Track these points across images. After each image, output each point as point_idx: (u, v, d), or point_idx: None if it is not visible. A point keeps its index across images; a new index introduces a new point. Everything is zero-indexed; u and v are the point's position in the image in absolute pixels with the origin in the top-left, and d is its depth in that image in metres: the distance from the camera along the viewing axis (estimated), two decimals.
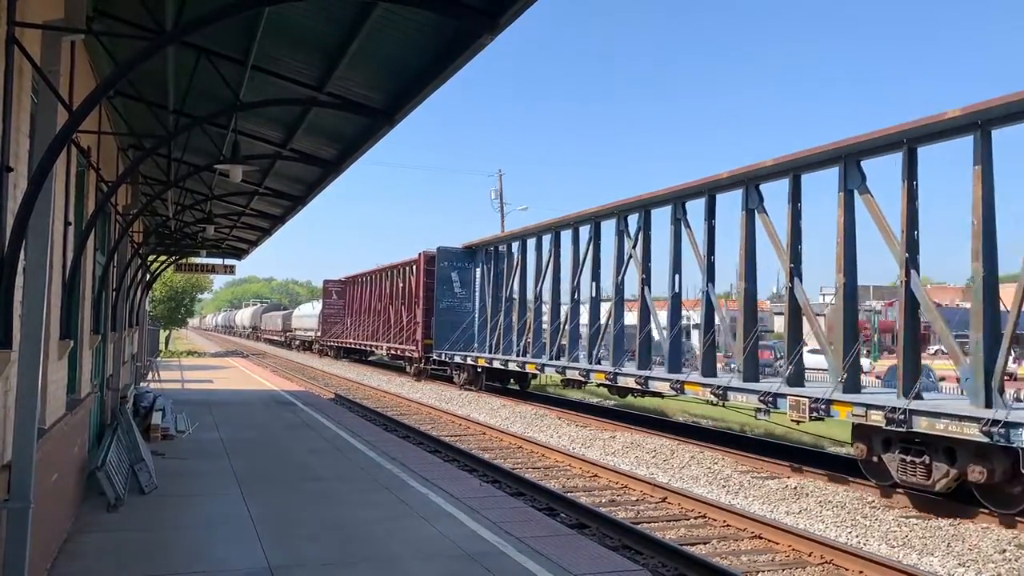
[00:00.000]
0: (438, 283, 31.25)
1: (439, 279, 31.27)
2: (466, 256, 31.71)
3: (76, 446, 8.68)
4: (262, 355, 59.52)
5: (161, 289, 54.63)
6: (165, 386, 23.92)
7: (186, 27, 6.21)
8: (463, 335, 30.24)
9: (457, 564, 7.03)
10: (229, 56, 8.16)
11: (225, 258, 26.35)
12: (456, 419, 21.87)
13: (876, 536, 10.26)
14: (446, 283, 31.31)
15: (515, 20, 5.90)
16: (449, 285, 31.33)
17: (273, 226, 19.48)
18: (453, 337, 30.30)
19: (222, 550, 7.36)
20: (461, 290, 31.55)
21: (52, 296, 6.08)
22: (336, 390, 30.18)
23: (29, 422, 5.02)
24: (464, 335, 30.24)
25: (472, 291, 31.40)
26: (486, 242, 30.14)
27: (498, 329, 27.81)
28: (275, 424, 16.47)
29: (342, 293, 51.66)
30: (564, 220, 23.90)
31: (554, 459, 15.71)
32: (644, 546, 9.35)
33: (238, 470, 11.15)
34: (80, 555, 7.09)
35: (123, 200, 13.16)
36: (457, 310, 31.15)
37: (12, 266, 4.36)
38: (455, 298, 31.41)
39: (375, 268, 43.41)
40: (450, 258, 31.52)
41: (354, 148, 10.78)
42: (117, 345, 13.88)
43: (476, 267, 31.21)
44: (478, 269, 31.01)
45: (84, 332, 9.47)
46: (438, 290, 31.24)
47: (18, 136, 4.99)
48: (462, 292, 31.53)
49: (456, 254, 31.59)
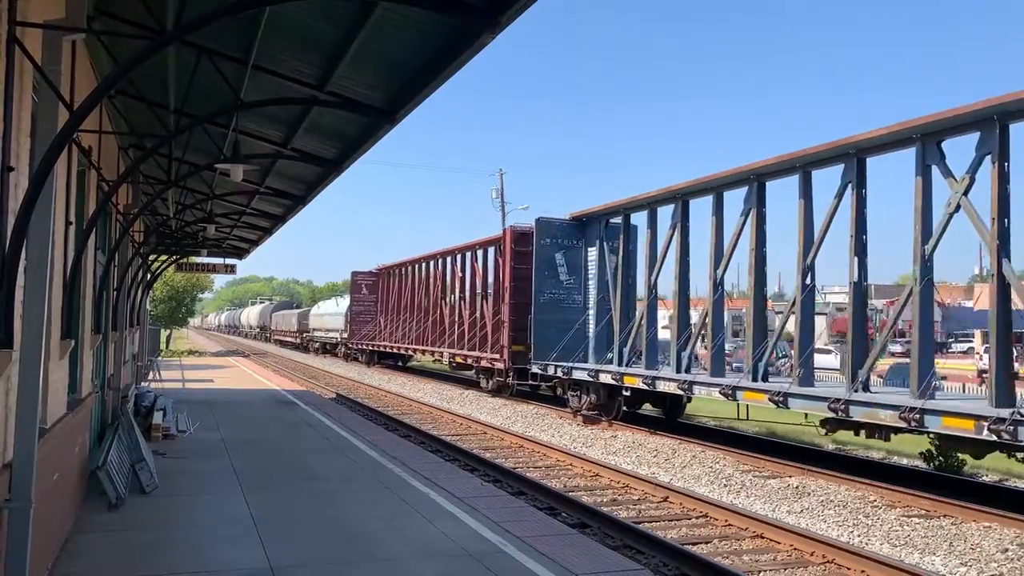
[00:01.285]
0: (537, 268, 22.78)
1: (539, 262, 22.77)
2: (574, 231, 23.05)
3: (77, 446, 8.67)
4: (266, 355, 59.46)
5: (162, 289, 54.62)
6: (166, 386, 23.93)
7: (187, 26, 6.20)
8: (573, 340, 21.92)
9: (458, 563, 7.02)
10: (230, 55, 8.15)
11: (226, 258, 26.35)
12: (457, 418, 21.86)
13: (878, 535, 10.25)
14: (548, 267, 22.84)
15: (516, 19, 5.88)
16: (553, 270, 22.88)
17: (274, 225, 19.47)
18: (561, 342, 21.90)
19: (223, 550, 7.35)
20: (569, 278, 23.04)
21: (53, 296, 6.07)
22: (337, 389, 30.16)
23: (30, 422, 5.02)
24: (573, 340, 21.91)
25: (582, 278, 22.96)
26: (609, 210, 21.42)
27: (631, 332, 19.99)
28: (276, 423, 16.47)
29: (374, 287, 44.37)
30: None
31: (555, 458, 15.71)
32: (645, 545, 9.34)
33: (239, 469, 11.15)
34: (81, 555, 7.08)
35: (124, 199, 13.16)
36: (564, 305, 22.94)
37: (13, 265, 4.36)
38: (560, 288, 22.99)
39: (424, 255, 35.95)
40: (553, 233, 22.95)
41: (355, 147, 10.77)
42: (118, 345, 13.88)
43: (589, 245, 22.68)
44: (592, 249, 22.48)
45: (85, 332, 9.46)
46: (537, 278, 22.73)
47: (19, 136, 4.98)
48: (570, 280, 23.07)
49: (562, 228, 23.02)
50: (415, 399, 26.74)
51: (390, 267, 41.80)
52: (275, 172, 13.60)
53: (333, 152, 11.47)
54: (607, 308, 21.21)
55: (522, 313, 24.00)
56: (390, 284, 41.53)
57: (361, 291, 45.29)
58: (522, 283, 24.23)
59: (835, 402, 12.94)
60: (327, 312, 56.39)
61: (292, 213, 16.88)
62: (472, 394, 27.95)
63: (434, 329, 33.20)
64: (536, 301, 22.87)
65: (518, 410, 23.38)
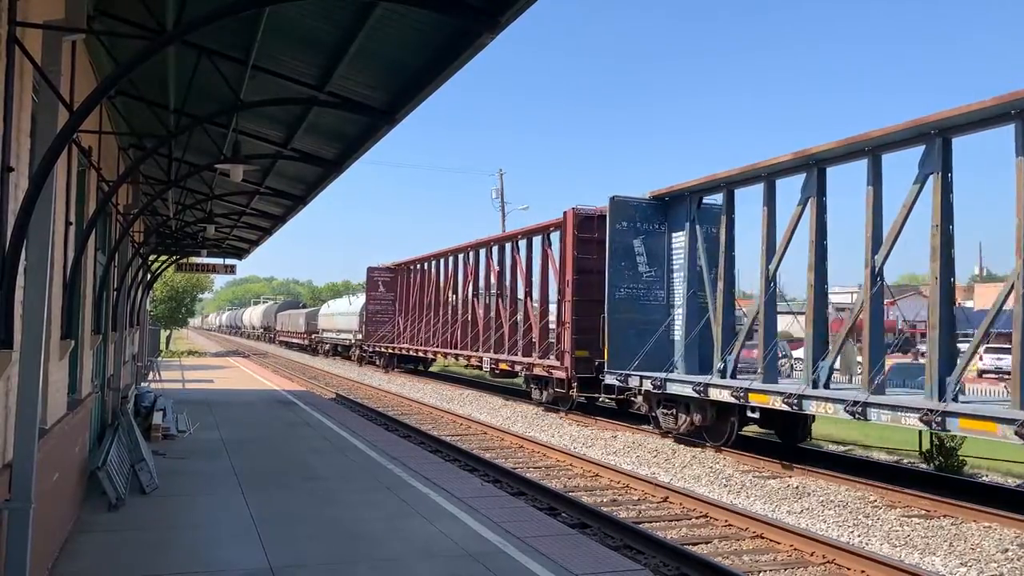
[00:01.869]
0: (612, 258, 18.68)
1: (615, 251, 18.69)
2: (655, 213, 19.00)
3: (77, 446, 8.67)
4: (266, 356, 59.39)
5: (162, 289, 54.66)
6: (166, 386, 23.93)
7: (187, 26, 6.19)
8: (656, 346, 17.94)
9: (458, 563, 7.02)
10: (230, 56, 8.15)
11: (226, 258, 26.35)
12: (457, 419, 21.86)
13: (878, 535, 10.24)
14: (625, 257, 18.79)
15: (516, 19, 5.89)
16: (630, 260, 18.82)
17: (274, 226, 19.47)
18: (643, 348, 17.92)
19: (223, 550, 7.35)
20: (649, 269, 18.96)
21: (53, 296, 6.06)
22: (337, 390, 30.16)
23: (30, 422, 5.02)
24: (655, 345, 17.96)
25: (665, 270, 18.98)
26: (703, 185, 17.27)
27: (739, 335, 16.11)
28: (276, 424, 16.47)
29: (392, 284, 40.73)
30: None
31: (555, 459, 15.71)
32: (645, 546, 9.34)
33: (239, 470, 11.15)
34: (81, 555, 7.09)
35: (124, 200, 13.16)
36: (643, 302, 18.86)
37: (13, 266, 4.36)
38: (639, 282, 18.90)
39: (452, 247, 32.29)
40: (630, 215, 18.81)
41: (355, 147, 10.78)
42: (118, 345, 13.88)
43: (675, 230, 18.68)
44: (678, 234, 18.45)
45: (85, 332, 9.47)
46: (612, 269, 18.66)
47: (19, 136, 4.98)
48: (650, 273, 18.96)
49: (640, 210, 18.98)
50: (415, 399, 26.72)
51: (411, 262, 38.17)
52: (275, 172, 13.60)
53: (333, 152, 11.47)
54: (698, 305, 17.51)
55: (586, 312, 20.45)
56: (411, 281, 38.04)
57: (377, 288, 41.18)
58: (586, 276, 20.76)
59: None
60: (338, 311, 52.00)
61: (292, 213, 16.88)
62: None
63: (465, 330, 29.56)
64: (611, 298, 18.66)
65: (518, 410, 23.37)
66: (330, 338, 53.13)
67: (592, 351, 20.31)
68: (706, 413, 15.97)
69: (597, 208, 20.95)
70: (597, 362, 19.88)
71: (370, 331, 41.17)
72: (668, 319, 18.45)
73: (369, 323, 41.45)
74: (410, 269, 38.44)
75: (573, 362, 20.77)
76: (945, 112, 11.76)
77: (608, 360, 18.72)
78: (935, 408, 11.23)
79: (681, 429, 16.71)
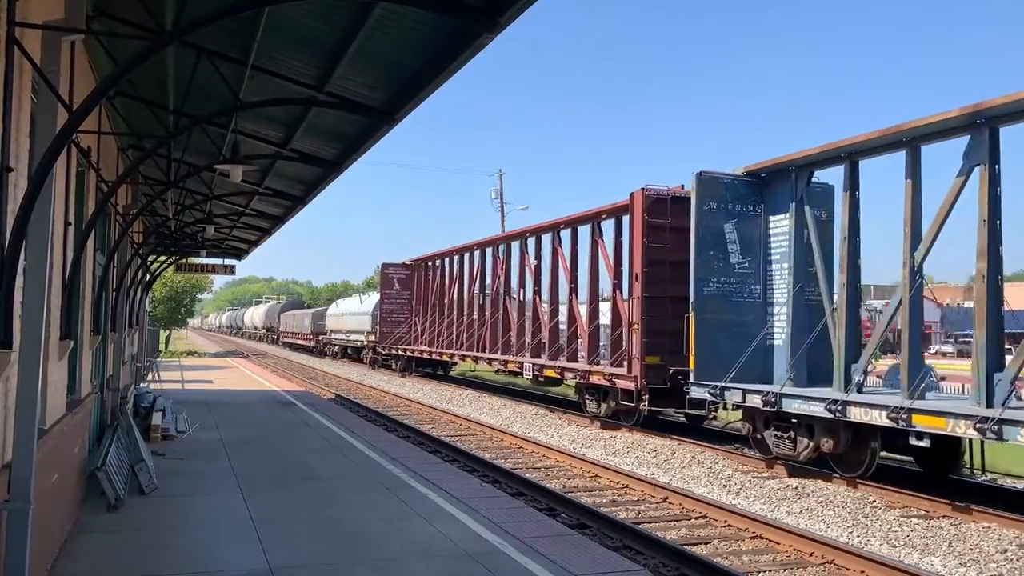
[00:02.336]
0: (700, 245, 15.76)
1: (703, 237, 15.80)
2: (749, 192, 16.05)
3: (76, 446, 8.67)
4: (266, 356, 59.33)
5: (161, 289, 54.63)
6: (165, 386, 23.93)
7: (186, 27, 6.19)
8: (755, 354, 15.12)
9: (458, 564, 7.02)
10: (229, 56, 8.15)
11: (225, 258, 26.33)
12: (457, 419, 21.85)
13: (877, 536, 10.25)
14: (715, 244, 15.86)
15: (515, 19, 5.89)
16: (720, 248, 15.91)
17: (273, 226, 19.47)
18: (734, 354, 15.09)
19: (222, 550, 7.35)
20: (742, 260, 16.02)
21: (52, 296, 6.06)
22: (336, 390, 30.15)
23: (29, 422, 5.02)
24: (755, 354, 15.13)
25: (761, 260, 15.94)
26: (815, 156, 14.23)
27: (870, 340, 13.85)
28: (275, 424, 16.47)
29: (408, 282, 38.25)
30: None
31: (555, 459, 15.71)
32: (645, 546, 9.34)
33: (238, 470, 11.15)
34: (80, 555, 7.08)
35: (123, 200, 13.15)
36: (735, 299, 15.90)
37: (12, 266, 4.36)
38: (731, 275, 15.97)
39: (478, 241, 29.87)
40: (720, 195, 15.96)
41: (354, 148, 10.78)
42: (117, 345, 13.88)
43: (774, 212, 15.71)
44: (779, 217, 15.48)
45: (84, 332, 9.46)
46: (699, 259, 15.77)
47: (18, 136, 4.98)
48: (743, 264, 16.02)
49: (732, 189, 16.00)
50: (414, 400, 26.72)
51: (430, 257, 35.71)
52: (274, 173, 13.60)
53: (332, 153, 11.48)
54: (805, 303, 14.76)
55: (656, 311, 17.84)
56: (430, 278, 35.47)
57: (392, 286, 38.61)
58: (657, 269, 17.90)
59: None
60: (348, 311, 48.59)
61: (291, 214, 16.88)
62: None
63: (495, 332, 27.18)
64: (698, 294, 15.73)
65: (517, 411, 23.36)
66: (339, 340, 50.37)
67: (664, 357, 17.65)
68: (839, 437, 12.88)
69: (669, 189, 18.40)
70: (671, 370, 17.33)
71: (385, 332, 38.56)
72: (765, 320, 15.58)
73: (384, 323, 38.79)
74: (428, 265, 36.03)
75: (643, 370, 17.70)
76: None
77: (695, 369, 15.64)
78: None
79: (801, 456, 13.58)
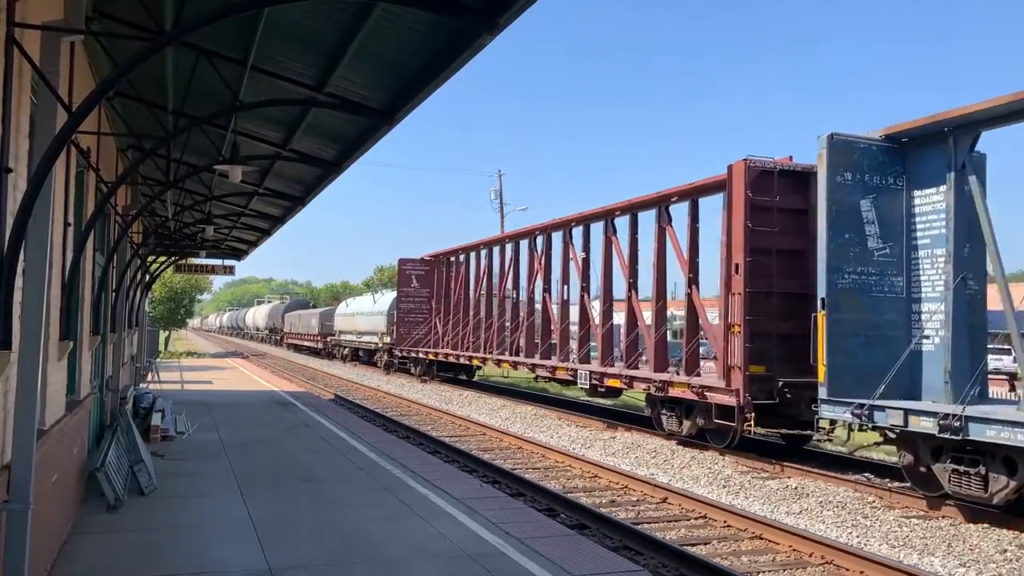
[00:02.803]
0: (833, 227, 12.82)
1: (836, 217, 12.86)
2: (888, 161, 13.14)
3: (76, 447, 8.67)
4: (265, 357, 59.28)
5: (160, 290, 54.67)
6: (164, 387, 23.92)
7: (185, 27, 6.21)
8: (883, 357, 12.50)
9: (457, 564, 7.02)
10: (228, 56, 8.16)
11: (224, 259, 26.37)
12: (456, 419, 21.85)
13: (877, 536, 10.25)
14: (850, 227, 12.97)
15: (515, 20, 5.90)
16: (857, 230, 13.02)
17: (272, 227, 19.48)
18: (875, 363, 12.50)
19: (222, 551, 7.35)
20: (882, 246, 13.11)
21: (52, 297, 6.07)
22: (336, 391, 30.15)
23: (29, 423, 5.02)
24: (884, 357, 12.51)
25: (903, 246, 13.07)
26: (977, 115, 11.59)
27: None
28: (275, 425, 16.47)
29: (427, 279, 35.38)
30: None
31: (554, 459, 15.70)
32: (644, 547, 9.34)
33: (238, 471, 11.15)
34: (80, 556, 7.08)
35: (122, 201, 13.15)
36: (873, 294, 13.01)
37: (12, 267, 4.36)
38: (870, 264, 13.06)
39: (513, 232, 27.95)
40: (856, 164, 12.98)
41: (354, 148, 10.79)
42: (116, 346, 13.88)
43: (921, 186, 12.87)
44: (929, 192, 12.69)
45: (84, 333, 9.46)
46: (832, 245, 12.80)
47: (18, 137, 4.98)
48: (884, 251, 13.11)
49: (868, 156, 13.05)
50: (414, 400, 26.71)
51: (452, 252, 33.25)
52: (274, 173, 13.61)
53: (332, 153, 11.48)
54: (966, 299, 12.24)
55: (761, 309, 14.77)
56: (453, 274, 32.95)
57: (410, 284, 35.55)
58: (762, 259, 14.81)
59: None
60: (360, 311, 45.17)
61: (291, 214, 16.89)
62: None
63: (531, 335, 24.99)
64: (830, 288, 12.77)
65: (517, 411, 23.37)
66: (349, 341, 47.13)
67: (772, 366, 14.62)
68: None
69: (777, 160, 15.32)
70: (780, 382, 14.47)
71: (402, 333, 35.61)
72: (909, 320, 12.85)
73: (400, 324, 35.83)
74: (451, 261, 33.47)
75: (747, 382, 14.51)
76: None
77: (827, 382, 12.60)
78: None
79: (995, 499, 10.56)
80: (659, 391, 17.17)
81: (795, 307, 14.64)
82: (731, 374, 14.90)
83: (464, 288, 31.52)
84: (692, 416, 16.49)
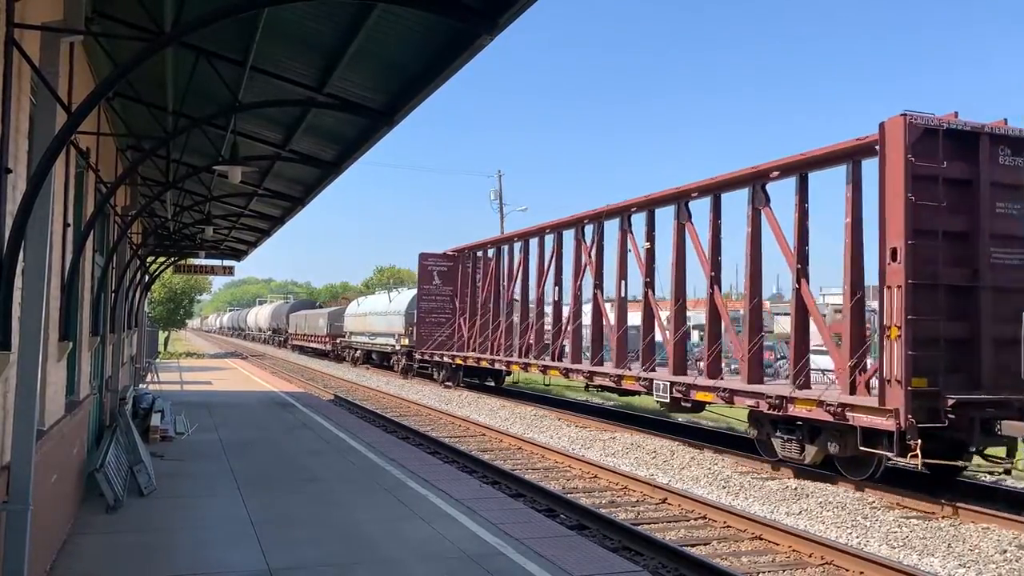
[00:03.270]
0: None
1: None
2: None
3: (75, 447, 8.67)
4: (264, 357, 59.20)
5: (160, 290, 54.65)
6: (164, 387, 23.91)
7: (185, 28, 6.21)
8: None
9: (457, 565, 7.02)
10: (228, 57, 8.16)
11: (224, 259, 26.37)
12: (456, 420, 21.84)
13: (876, 537, 10.25)
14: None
15: (514, 20, 5.90)
16: None
17: (272, 227, 19.48)
18: None
19: (221, 552, 7.35)
20: None
21: (51, 298, 6.07)
22: (335, 391, 30.13)
23: (28, 423, 5.01)
24: None
25: None
26: None
27: None
28: (274, 425, 16.46)
29: (450, 275, 32.21)
30: None
31: (554, 460, 15.70)
32: (644, 547, 9.34)
33: (237, 472, 11.14)
34: (79, 556, 7.08)
35: (122, 201, 13.15)
36: None
37: (11, 267, 4.36)
38: None
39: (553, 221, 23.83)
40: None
41: (353, 149, 10.79)
42: (116, 346, 13.87)
43: None
44: None
45: (83, 333, 9.46)
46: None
47: (17, 137, 4.98)
48: None
49: None
50: (413, 400, 26.70)
51: (479, 245, 30.38)
52: (273, 174, 13.60)
53: (331, 154, 11.48)
54: None
55: (927, 306, 11.68)
56: (482, 271, 30.04)
57: (431, 281, 32.28)
58: (925, 243, 11.74)
59: None
60: (374, 311, 41.58)
61: (290, 215, 16.89)
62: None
63: (577, 339, 22.78)
64: None
65: (516, 412, 23.36)
66: (361, 343, 43.66)
67: (938, 379, 11.52)
68: None
69: (947, 117, 12.15)
70: (951, 400, 11.32)
71: (423, 335, 32.33)
72: None
73: (420, 325, 32.52)
74: (478, 256, 30.52)
75: (909, 401, 11.26)
76: None
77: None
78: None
79: None
80: (774, 408, 13.68)
81: (961, 304, 11.98)
82: (887, 389, 11.60)
83: (495, 285, 28.29)
84: (819, 441, 13.15)
